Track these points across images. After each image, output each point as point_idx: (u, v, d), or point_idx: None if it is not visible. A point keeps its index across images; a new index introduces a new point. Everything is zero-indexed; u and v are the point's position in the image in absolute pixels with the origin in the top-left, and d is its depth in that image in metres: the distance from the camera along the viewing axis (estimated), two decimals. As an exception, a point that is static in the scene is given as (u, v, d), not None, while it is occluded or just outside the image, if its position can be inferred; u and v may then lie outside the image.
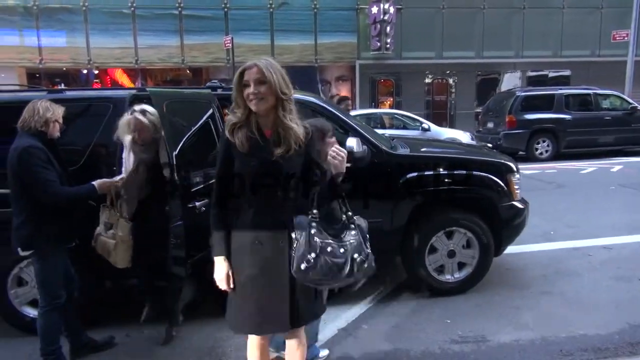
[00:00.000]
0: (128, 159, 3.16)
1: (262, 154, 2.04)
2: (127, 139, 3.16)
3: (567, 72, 21.57)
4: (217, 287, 2.15)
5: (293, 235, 2.05)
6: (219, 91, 3.83)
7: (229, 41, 17.25)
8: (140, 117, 3.09)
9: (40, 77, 19.37)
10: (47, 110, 2.85)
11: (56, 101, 3.00)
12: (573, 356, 3.10)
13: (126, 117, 3.15)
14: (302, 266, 1.99)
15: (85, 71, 19.76)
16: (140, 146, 3.17)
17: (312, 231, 2.03)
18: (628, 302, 3.89)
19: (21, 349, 3.29)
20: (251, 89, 1.98)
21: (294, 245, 2.04)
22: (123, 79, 20.04)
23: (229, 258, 2.12)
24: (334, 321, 3.61)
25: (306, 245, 2.01)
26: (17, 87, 4.89)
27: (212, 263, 2.15)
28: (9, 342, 3.44)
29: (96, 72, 19.75)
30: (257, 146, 2.04)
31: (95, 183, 2.96)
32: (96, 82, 19.52)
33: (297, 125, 2.06)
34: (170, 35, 19.39)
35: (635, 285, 4.18)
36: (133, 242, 3.09)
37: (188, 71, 20.42)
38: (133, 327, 3.59)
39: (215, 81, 4.06)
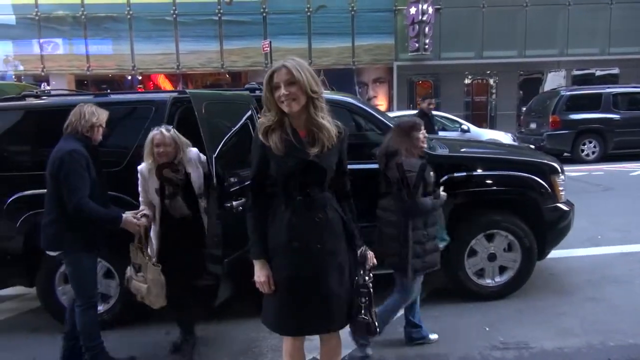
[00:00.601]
0: (148, 188, 3.09)
1: (298, 154, 2.03)
2: (146, 165, 3.09)
3: (615, 70, 20.66)
4: (254, 287, 2.16)
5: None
6: (257, 92, 3.87)
7: (267, 45, 17.47)
8: (163, 130, 3.03)
9: (87, 84, 20.21)
10: (93, 115, 2.92)
11: (102, 104, 3.11)
12: (623, 366, 2.96)
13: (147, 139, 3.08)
14: None
15: (129, 77, 20.48)
16: (170, 168, 3.04)
17: None
18: (683, 310, 3.68)
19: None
20: (282, 91, 1.98)
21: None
22: (165, 84, 20.65)
23: (267, 260, 2.13)
24: (371, 323, 3.57)
25: None
26: (66, 92, 5.11)
27: (249, 263, 2.17)
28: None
29: (140, 78, 20.43)
30: (292, 147, 2.03)
31: (124, 216, 2.94)
32: (140, 88, 20.17)
33: (329, 123, 2.06)
34: (210, 41, 19.84)
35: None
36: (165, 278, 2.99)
37: (227, 75, 20.82)
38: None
39: (254, 83, 4.10)
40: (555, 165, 4.08)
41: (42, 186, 3.48)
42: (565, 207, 4.02)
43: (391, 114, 10.57)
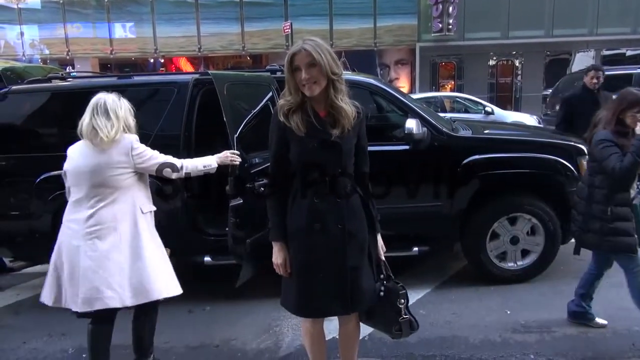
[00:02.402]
0: None
1: (320, 134, 2.02)
2: None
3: (647, 50, 19.96)
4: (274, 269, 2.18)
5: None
6: (279, 74, 3.86)
7: (288, 27, 17.36)
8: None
9: (111, 67, 20.45)
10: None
11: (124, 85, 3.15)
12: (647, 351, 2.91)
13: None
14: None
15: (152, 60, 20.64)
16: None
17: None
18: None
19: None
20: (303, 74, 1.96)
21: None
22: (187, 67, 20.76)
23: (286, 242, 2.13)
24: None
25: None
26: (90, 74, 5.18)
27: (269, 244, 2.17)
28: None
29: (162, 61, 20.58)
30: (314, 128, 2.02)
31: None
32: (162, 70, 20.33)
33: (347, 105, 2.04)
34: (232, 23, 19.82)
35: None
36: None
37: (248, 58, 20.81)
38: (195, 304, 3.75)
39: (275, 65, 4.08)
40: (582, 147, 3.97)
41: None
42: (591, 191, 3.92)
43: (413, 96, 10.46)
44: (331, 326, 2.57)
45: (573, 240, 3.27)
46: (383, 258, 2.26)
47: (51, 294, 2.59)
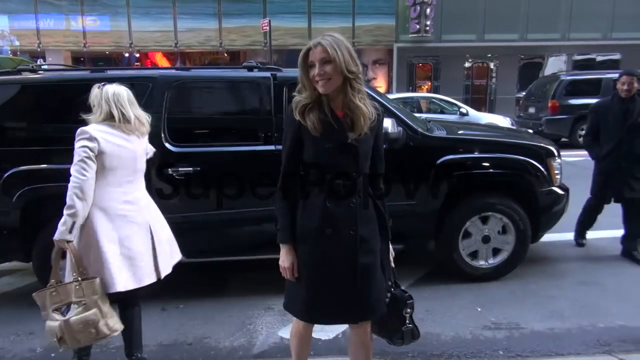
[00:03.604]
0: None
1: (337, 136, 1.94)
2: None
3: (616, 56, 20.56)
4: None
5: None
6: (255, 71, 3.85)
7: (266, 24, 17.28)
8: None
9: (84, 61, 20.01)
10: None
11: (98, 79, 3.08)
12: (611, 347, 3.00)
13: None
14: None
15: (127, 55, 20.28)
16: None
17: None
18: (673, 294, 3.74)
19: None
20: (316, 70, 1.88)
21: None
22: (163, 63, 20.46)
23: (294, 245, 2.05)
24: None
25: None
26: (61, 67, 5.07)
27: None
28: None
29: (137, 55, 20.23)
30: (330, 128, 1.93)
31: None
32: (137, 65, 20.00)
33: (366, 106, 1.96)
34: (209, 19, 19.62)
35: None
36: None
37: (226, 54, 20.64)
38: (169, 302, 3.72)
39: (252, 61, 4.07)
40: (552, 148, 4.08)
41: (38, 161, 3.52)
42: (560, 191, 4.04)
43: (390, 96, 10.55)
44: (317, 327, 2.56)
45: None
46: (392, 264, 2.20)
47: (127, 279, 2.52)
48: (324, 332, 3.21)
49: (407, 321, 2.18)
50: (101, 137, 2.47)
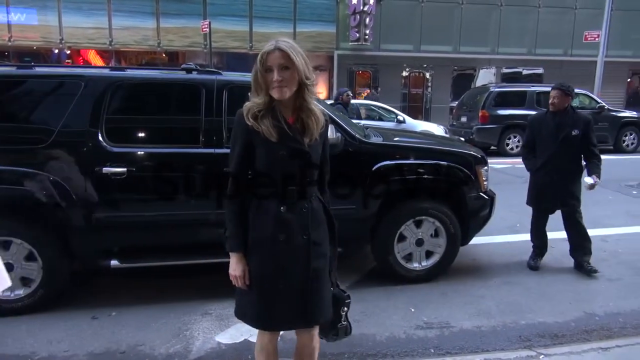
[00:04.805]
0: None
1: (291, 142, 1.93)
2: None
3: (540, 70, 22.05)
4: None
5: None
6: (194, 73, 3.80)
7: (206, 26, 17.01)
8: None
9: (9, 56, 18.75)
10: None
11: (25, 77, 2.94)
12: (531, 342, 3.23)
13: None
14: None
15: (56, 51, 19.22)
16: None
17: None
18: (585, 292, 4.06)
19: None
20: (275, 76, 1.86)
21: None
22: (96, 61, 19.56)
23: (245, 253, 2.02)
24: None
25: None
26: (-17, 63, 4.74)
27: None
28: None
29: (68, 52, 19.23)
30: (285, 134, 1.92)
31: None
32: (68, 62, 19.01)
33: (318, 111, 1.99)
34: (146, 17, 19.01)
35: (594, 277, 4.35)
36: None
37: (164, 55, 20.07)
38: (100, 310, 3.58)
39: (191, 63, 4.01)
40: (480, 156, 4.32)
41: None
42: (487, 197, 4.28)
43: (329, 102, 10.69)
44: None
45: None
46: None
47: None
48: (228, 336, 3.24)
49: (343, 319, 2.23)
50: None
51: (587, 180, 4.23)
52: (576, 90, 8.96)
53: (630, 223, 5.97)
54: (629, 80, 23.44)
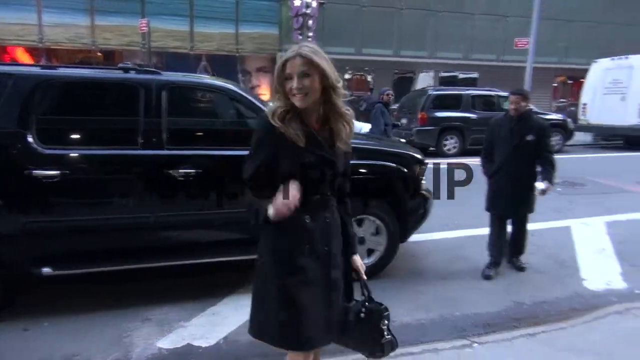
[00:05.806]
0: None
1: (319, 150, 1.85)
2: None
3: (475, 75, 23.05)
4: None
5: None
6: (132, 73, 3.70)
7: (144, 24, 16.50)
8: None
9: None
10: None
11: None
12: (466, 332, 3.40)
13: None
14: None
15: (-21, 47, 18.00)
16: None
17: None
18: (515, 283, 4.33)
19: None
20: (294, 84, 1.78)
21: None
22: (24, 59, 18.49)
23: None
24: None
25: None
26: None
27: None
28: None
29: (-7, 49, 18.06)
30: (313, 140, 1.84)
31: None
32: (-7, 60, 17.85)
33: (351, 116, 1.95)
34: (79, 14, 18.19)
35: (523, 270, 4.63)
36: None
37: (99, 54, 19.27)
38: (32, 320, 3.41)
39: (129, 63, 3.90)
40: (418, 156, 4.49)
41: None
42: (425, 195, 4.45)
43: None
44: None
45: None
46: (365, 277, 2.16)
47: None
48: (204, 339, 3.19)
49: (386, 333, 2.12)
50: None
51: (539, 185, 4.25)
52: (508, 94, 9.39)
53: (555, 218, 6.38)
54: (554, 85, 25.02)
